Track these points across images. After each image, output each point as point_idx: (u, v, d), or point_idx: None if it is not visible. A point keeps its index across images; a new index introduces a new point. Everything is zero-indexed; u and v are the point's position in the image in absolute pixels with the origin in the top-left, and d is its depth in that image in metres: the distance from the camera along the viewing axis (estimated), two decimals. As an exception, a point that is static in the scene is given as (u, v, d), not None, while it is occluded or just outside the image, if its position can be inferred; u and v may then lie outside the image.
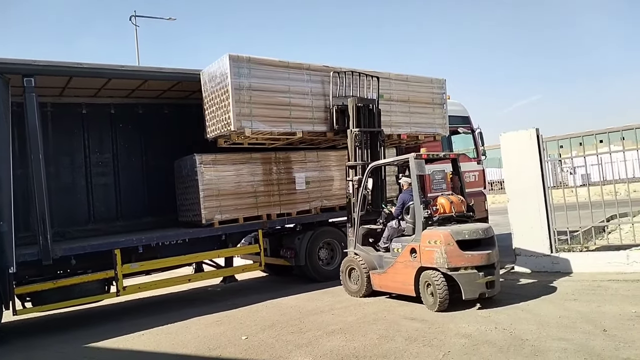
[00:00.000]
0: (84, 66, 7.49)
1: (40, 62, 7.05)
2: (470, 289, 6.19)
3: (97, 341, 6.35)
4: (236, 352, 5.38)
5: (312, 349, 5.24)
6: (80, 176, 9.00)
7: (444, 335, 5.28)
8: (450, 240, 6.22)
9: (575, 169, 21.08)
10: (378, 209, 7.90)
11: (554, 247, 8.12)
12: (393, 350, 4.95)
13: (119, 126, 9.45)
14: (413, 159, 6.84)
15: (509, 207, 8.66)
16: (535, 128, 8.34)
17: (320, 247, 9.25)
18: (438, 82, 10.04)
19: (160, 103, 9.72)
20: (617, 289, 6.61)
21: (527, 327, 5.32)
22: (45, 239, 6.78)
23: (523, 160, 8.40)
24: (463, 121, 12.01)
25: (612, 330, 4.97)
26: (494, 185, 31.71)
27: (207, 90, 7.94)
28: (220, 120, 7.57)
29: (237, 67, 7.35)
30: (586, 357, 4.34)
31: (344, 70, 8.38)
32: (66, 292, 7.19)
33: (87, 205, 8.99)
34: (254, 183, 8.63)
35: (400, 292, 6.95)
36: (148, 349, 5.89)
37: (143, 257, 7.82)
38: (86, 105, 9.07)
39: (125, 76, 8.13)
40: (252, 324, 6.50)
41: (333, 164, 9.56)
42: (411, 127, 9.57)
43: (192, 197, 8.31)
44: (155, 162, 9.54)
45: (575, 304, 6.08)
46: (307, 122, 8.14)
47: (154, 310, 8.12)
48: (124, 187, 9.36)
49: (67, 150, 8.93)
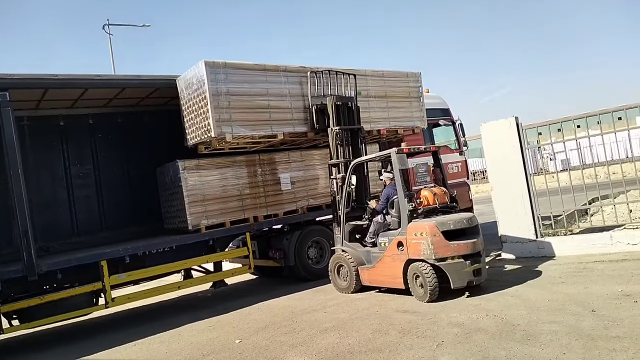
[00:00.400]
0: (59, 77, 7.37)
1: (14, 75, 6.92)
2: (458, 278, 6.28)
3: (90, 354, 6.27)
4: (231, 357, 5.35)
5: (306, 348, 5.24)
6: (61, 189, 8.86)
7: (437, 326, 5.32)
8: (436, 232, 6.29)
9: (555, 155, 21.35)
10: (363, 205, 7.93)
11: (539, 233, 8.23)
12: (387, 344, 4.98)
13: (99, 136, 9.32)
14: (395, 154, 6.90)
15: (493, 195, 8.76)
16: (514, 117, 8.44)
17: (308, 246, 9.25)
18: (414, 76, 10.12)
19: (139, 111, 9.60)
20: (602, 269, 6.73)
21: (517, 312, 5.39)
22: (29, 255, 6.66)
23: (504, 149, 8.50)
24: (443, 113, 12.12)
25: (601, 310, 5.06)
26: (476, 175, 31.97)
27: (185, 98, 7.89)
28: (200, 127, 7.53)
29: (213, 72, 7.31)
30: (577, 338, 4.41)
31: (321, 70, 8.40)
32: (54, 307, 7.07)
33: (70, 217, 8.85)
34: (239, 186, 8.59)
35: (389, 285, 7.00)
36: (142, 358, 5.83)
37: (130, 267, 7.71)
38: (63, 117, 8.92)
39: (102, 85, 8.03)
40: (245, 327, 6.47)
41: (317, 162, 9.57)
42: (390, 122, 9.63)
43: (177, 204, 8.23)
44: (138, 170, 9.42)
45: (563, 286, 6.18)
46: (287, 124, 8.14)
47: (145, 320, 8.05)
48: (106, 198, 9.23)
49: (47, 163, 8.77)
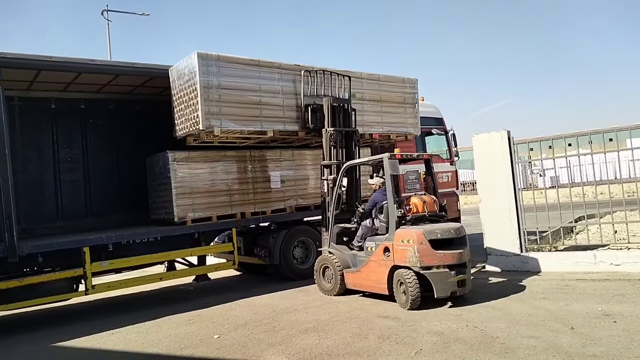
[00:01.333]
0: (53, 60, 7.29)
1: (6, 54, 6.82)
2: (442, 288, 6.27)
3: (65, 340, 6.20)
4: (208, 351, 5.31)
5: (285, 347, 5.21)
6: (48, 172, 8.75)
7: (416, 333, 5.32)
8: (423, 240, 6.28)
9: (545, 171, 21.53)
10: (352, 208, 7.92)
11: (524, 247, 8.27)
12: (366, 349, 4.97)
13: (90, 122, 9.23)
14: (387, 159, 6.89)
15: (481, 207, 8.79)
16: (506, 130, 8.48)
17: (294, 246, 9.22)
18: (410, 82, 10.10)
19: (132, 99, 9.53)
20: (584, 287, 6.78)
21: (497, 325, 5.41)
22: (11, 236, 6.58)
23: (494, 162, 8.54)
24: (436, 122, 12.16)
25: (580, 328, 5.08)
26: (466, 186, 32.16)
27: (176, 88, 7.82)
28: (189, 118, 7.47)
29: (206, 65, 7.26)
30: (554, 354, 4.43)
31: (316, 69, 8.37)
32: (33, 290, 6.99)
33: (55, 201, 8.76)
34: (228, 181, 8.55)
35: (373, 290, 6.98)
36: (118, 348, 5.77)
37: (113, 255, 7.64)
38: (55, 99, 8.83)
39: (96, 70, 7.93)
40: (224, 323, 6.43)
41: (309, 162, 9.55)
42: (383, 127, 9.61)
43: (165, 195, 8.18)
44: (127, 158, 9.35)
45: (544, 302, 6.21)
46: (278, 121, 8.10)
47: (124, 309, 7.97)
48: (94, 184, 9.14)
49: (35, 145, 8.67)
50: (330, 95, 8.33)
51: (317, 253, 8.51)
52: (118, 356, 5.49)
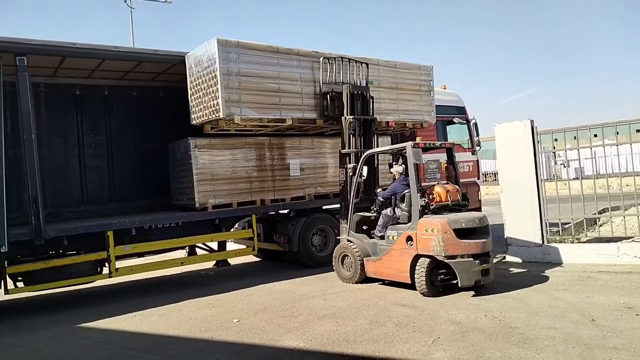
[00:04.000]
0: (77, 46, 7.41)
1: (33, 41, 6.94)
2: (466, 277, 6.25)
3: (90, 321, 6.37)
4: (228, 335, 5.40)
5: (303, 332, 5.27)
6: (73, 157, 8.92)
7: (434, 322, 5.32)
8: (448, 229, 6.25)
9: (569, 162, 21.14)
10: (371, 196, 7.90)
11: (546, 238, 8.17)
12: (383, 336, 4.99)
13: (113, 108, 9.36)
14: (410, 148, 6.83)
15: (502, 197, 8.70)
16: (530, 120, 8.35)
17: (313, 234, 9.26)
18: (425, 69, 10.01)
19: (155, 86, 9.62)
20: (606, 280, 6.68)
21: (516, 315, 5.38)
22: (37, 219, 6.74)
23: (517, 152, 8.42)
24: (458, 111, 12.02)
25: (601, 320, 5.02)
26: (487, 176, 31.80)
27: (193, 75, 7.82)
28: (208, 106, 7.46)
29: (225, 51, 7.24)
30: (574, 345, 4.39)
31: (334, 56, 8.32)
32: (58, 272, 7.19)
33: (80, 186, 8.93)
34: (248, 168, 8.62)
35: (395, 279, 6.96)
36: (140, 329, 5.91)
37: (136, 239, 7.80)
38: (80, 86, 8.97)
39: (119, 57, 8.02)
40: (244, 308, 6.53)
41: (328, 151, 9.56)
42: (399, 115, 9.53)
43: (186, 181, 8.28)
44: (150, 145, 9.47)
45: (565, 294, 6.14)
46: (296, 109, 8.09)
47: (146, 292, 8.14)
48: (117, 170, 9.29)
49: (60, 131, 8.83)
50: (348, 82, 8.28)
51: (336, 241, 8.55)
52: (140, 337, 5.62)
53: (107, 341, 5.54)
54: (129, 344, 5.39)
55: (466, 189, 7.42)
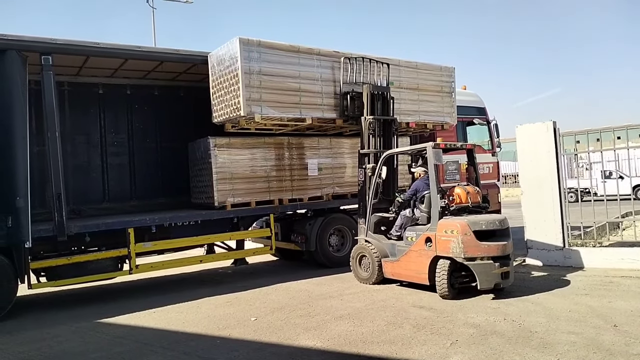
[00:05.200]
0: (101, 46, 7.52)
1: (58, 40, 7.07)
2: (486, 279, 6.18)
3: (110, 317, 6.46)
4: (245, 333, 5.44)
5: (320, 332, 5.28)
6: (95, 155, 9.08)
7: (452, 324, 5.28)
8: (468, 230, 6.19)
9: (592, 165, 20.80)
10: (389, 197, 7.86)
11: (567, 242, 8.05)
12: (400, 337, 4.97)
13: (135, 107, 9.50)
14: (431, 148, 6.78)
15: (523, 199, 8.59)
16: (552, 121, 8.23)
17: (330, 234, 9.26)
18: (447, 71, 9.92)
19: (176, 85, 9.74)
20: (629, 285, 6.56)
21: (536, 319, 5.30)
22: (60, 216, 6.87)
23: (538, 153, 8.30)
24: (479, 112, 11.91)
25: (623, 325, 4.93)
26: (507, 178, 31.40)
27: (215, 74, 7.88)
28: (229, 104, 7.52)
29: (247, 50, 7.29)
30: (595, 351, 4.32)
31: (354, 56, 8.29)
32: (80, 268, 7.31)
33: (102, 184, 9.08)
34: (266, 168, 8.66)
35: (413, 280, 6.91)
36: (159, 326, 5.98)
37: (156, 237, 7.89)
38: (103, 85, 9.12)
39: (141, 57, 8.13)
40: (261, 306, 6.56)
41: (346, 151, 9.55)
42: (420, 116, 9.45)
43: (205, 180, 8.35)
44: (170, 143, 9.59)
45: (586, 298, 6.04)
46: (316, 109, 8.08)
47: (165, 289, 8.23)
48: (138, 168, 9.42)
49: (83, 129, 8.99)
50: (369, 83, 8.26)
51: (353, 241, 8.51)
52: (159, 334, 5.68)
53: (126, 337, 5.61)
54: (148, 339, 5.45)
55: (486, 190, 7.34)
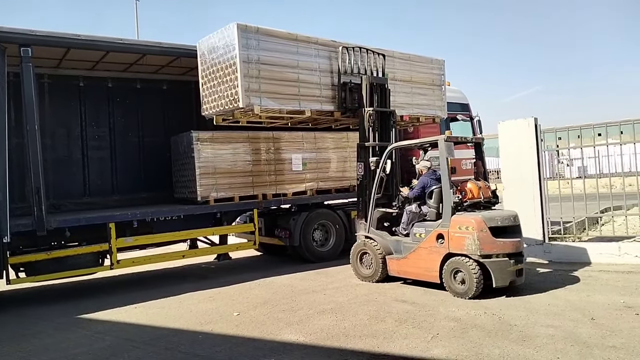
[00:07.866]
0: (82, 38, 7.39)
1: (37, 32, 6.94)
2: (502, 277, 5.99)
3: (91, 312, 6.40)
4: (227, 328, 5.43)
5: (302, 327, 5.29)
6: (76, 149, 8.93)
7: (434, 318, 5.34)
8: (483, 227, 5.99)
9: (572, 161, 21.11)
10: (389, 192, 7.58)
11: (547, 237, 8.17)
12: (383, 331, 5.01)
13: (116, 100, 9.35)
14: (443, 142, 6.48)
15: (505, 195, 8.67)
16: (533, 117, 8.32)
17: (314, 229, 9.27)
18: (438, 63, 9.92)
19: (158, 79, 9.62)
20: (607, 279, 6.68)
21: (515, 313, 5.38)
22: (40, 210, 6.76)
23: (520, 150, 8.40)
24: (462, 108, 11.98)
25: (600, 319, 5.03)
26: (490, 174, 31.70)
27: (207, 63, 7.53)
28: (223, 96, 7.16)
29: (245, 37, 6.91)
30: (572, 343, 4.40)
31: (352, 46, 8.06)
32: (60, 263, 7.22)
33: (82, 178, 8.94)
34: (250, 162, 8.62)
35: (422, 278, 6.66)
36: (141, 321, 5.93)
37: (138, 231, 7.83)
38: (83, 78, 8.96)
39: (123, 49, 8.00)
40: (244, 301, 6.55)
41: (330, 146, 9.55)
42: (413, 109, 9.34)
43: (188, 174, 8.29)
44: (152, 137, 9.49)
45: (565, 292, 6.15)
46: (315, 100, 7.79)
47: (147, 285, 8.17)
48: (120, 162, 9.30)
49: (64, 122, 8.83)
50: (366, 74, 8.06)
51: (337, 236, 8.46)
52: (141, 329, 5.64)
53: (107, 332, 5.56)
54: (130, 335, 5.41)
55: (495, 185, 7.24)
